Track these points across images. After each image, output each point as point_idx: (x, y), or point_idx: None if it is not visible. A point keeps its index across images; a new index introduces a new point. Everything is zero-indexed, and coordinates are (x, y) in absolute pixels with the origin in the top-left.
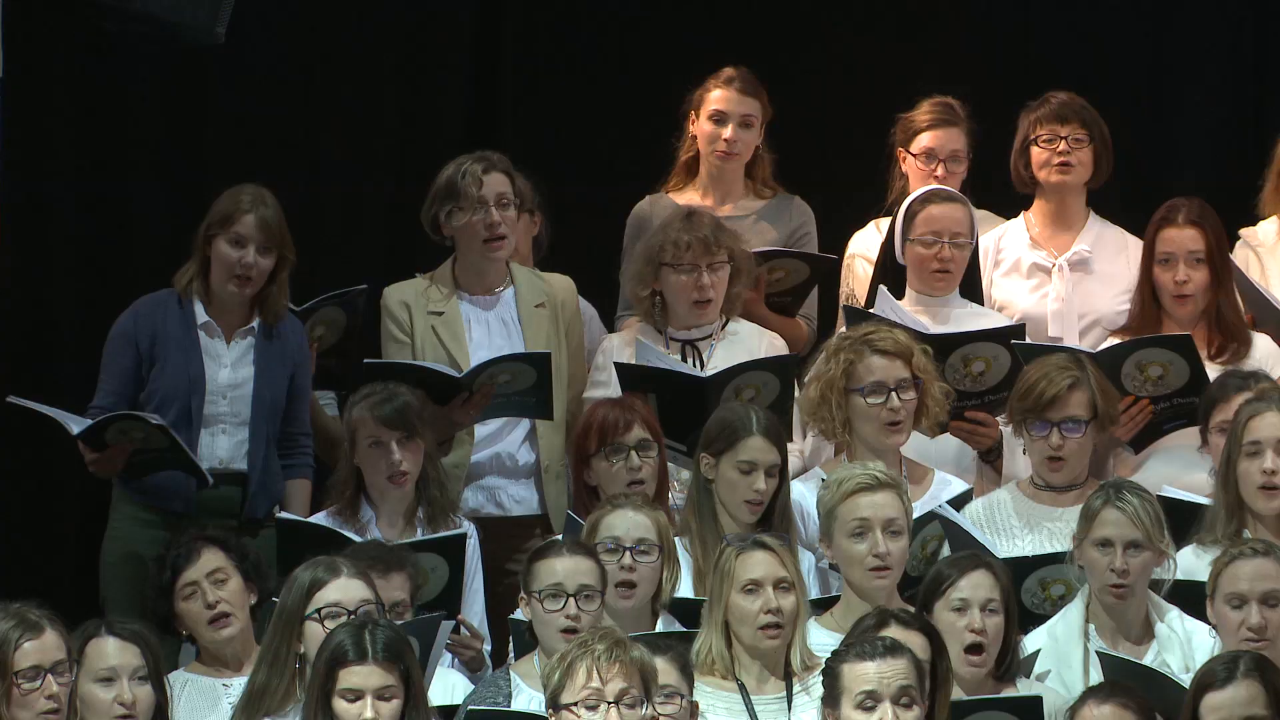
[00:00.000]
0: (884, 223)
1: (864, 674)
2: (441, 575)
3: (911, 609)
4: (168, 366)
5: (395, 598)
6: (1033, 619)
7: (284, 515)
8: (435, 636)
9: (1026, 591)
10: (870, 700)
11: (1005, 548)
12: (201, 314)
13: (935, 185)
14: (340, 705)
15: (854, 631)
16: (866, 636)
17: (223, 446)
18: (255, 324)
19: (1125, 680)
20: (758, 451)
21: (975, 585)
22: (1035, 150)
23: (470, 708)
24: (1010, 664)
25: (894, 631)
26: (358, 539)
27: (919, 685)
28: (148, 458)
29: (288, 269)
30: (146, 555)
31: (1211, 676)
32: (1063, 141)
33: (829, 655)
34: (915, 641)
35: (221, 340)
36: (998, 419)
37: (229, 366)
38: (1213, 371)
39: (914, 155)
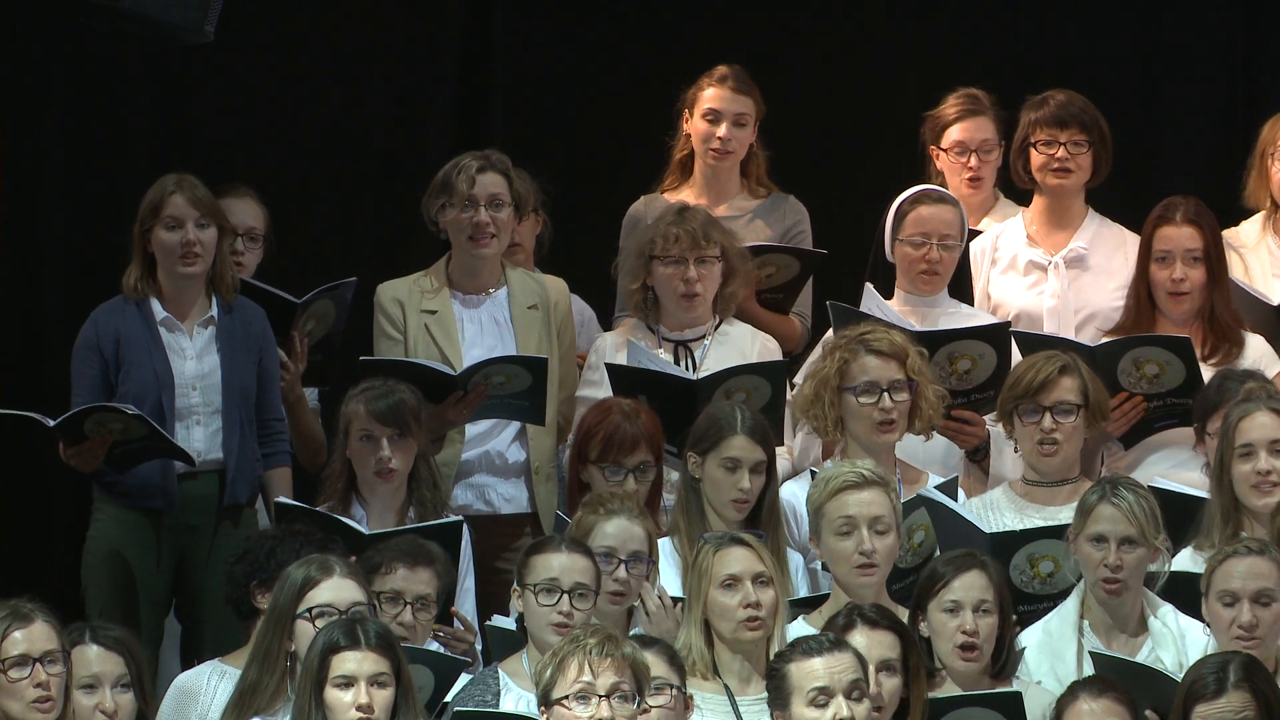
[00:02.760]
0: None
1: (813, 671)
2: None
3: (885, 608)
4: (134, 367)
5: (421, 592)
6: (1022, 598)
7: (283, 500)
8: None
9: (1015, 569)
10: (823, 696)
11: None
12: (159, 310)
13: (928, 185)
14: (333, 695)
15: (826, 629)
16: (811, 635)
17: (198, 438)
18: (214, 312)
19: (1121, 679)
20: (741, 450)
21: (968, 586)
22: (1034, 153)
23: (458, 709)
24: (1006, 661)
25: (863, 630)
26: (355, 524)
27: (867, 678)
28: (130, 448)
29: (229, 240)
30: (129, 556)
31: (1202, 686)
32: (1062, 147)
33: (772, 658)
34: (885, 640)
35: (183, 333)
36: (984, 418)
37: (194, 358)
38: (1205, 372)
39: (945, 150)
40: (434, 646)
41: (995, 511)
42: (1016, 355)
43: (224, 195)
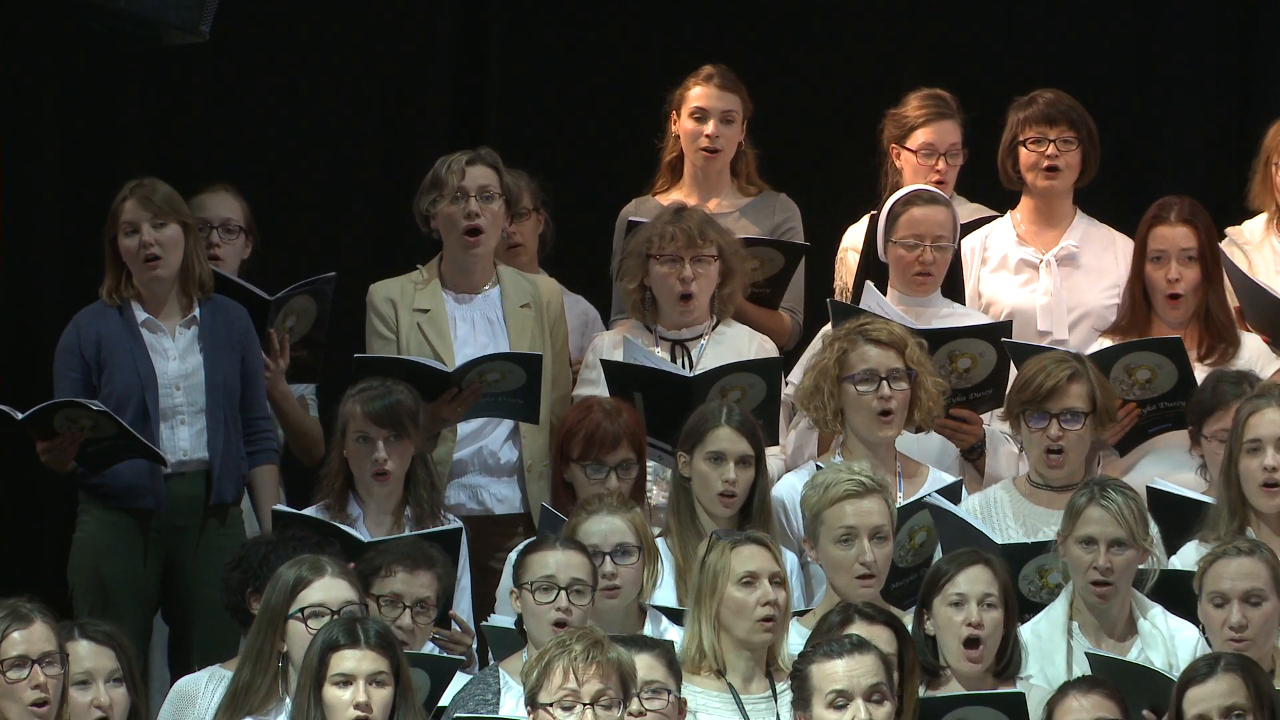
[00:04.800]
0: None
1: (833, 673)
2: None
3: (880, 604)
4: (116, 369)
5: (421, 595)
6: (1029, 607)
7: (280, 508)
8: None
9: (1023, 579)
10: (841, 699)
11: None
12: (141, 312)
13: (920, 185)
14: (332, 693)
15: (820, 628)
16: (833, 635)
17: (183, 437)
18: (195, 313)
19: (1117, 679)
20: (725, 441)
21: (973, 580)
22: (1023, 152)
23: (459, 714)
24: (1010, 659)
25: (859, 626)
26: (353, 532)
27: (889, 681)
28: (102, 447)
29: (195, 237)
30: (115, 556)
31: (1194, 672)
32: (1051, 145)
33: (796, 657)
34: (881, 635)
35: (165, 334)
36: (981, 417)
37: (177, 358)
38: (1200, 372)
39: (911, 151)
40: (431, 649)
41: (997, 510)
42: None
43: (200, 190)
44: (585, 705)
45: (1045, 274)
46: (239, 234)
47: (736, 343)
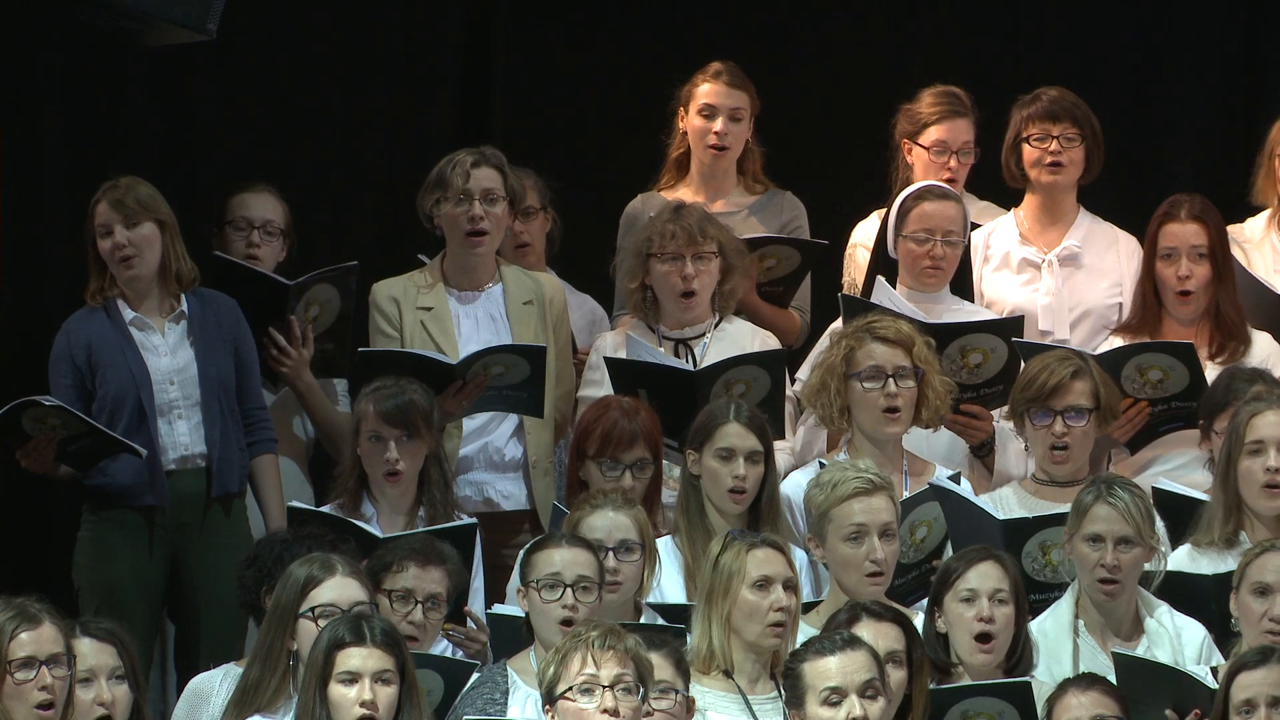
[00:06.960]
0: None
1: (826, 670)
2: None
3: (887, 602)
4: (109, 369)
5: (432, 590)
6: (1034, 586)
7: (296, 504)
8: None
9: (1027, 556)
10: (835, 695)
11: None
12: (128, 311)
13: (930, 181)
14: (337, 690)
15: (828, 626)
16: (825, 633)
17: (182, 432)
18: (184, 307)
19: (1143, 678)
20: (735, 437)
21: (983, 576)
22: (1027, 149)
23: (468, 718)
24: (1021, 655)
25: (867, 624)
26: (368, 528)
27: (881, 677)
28: (81, 445)
29: (172, 233)
30: (121, 554)
31: (1246, 658)
32: (1055, 141)
33: (788, 658)
34: (889, 633)
35: (155, 331)
36: (992, 413)
37: (168, 354)
38: (1211, 371)
39: (924, 147)
40: (444, 645)
41: (1004, 507)
42: None
43: (241, 190)
44: (605, 688)
45: (1047, 274)
46: (278, 236)
47: (739, 339)
